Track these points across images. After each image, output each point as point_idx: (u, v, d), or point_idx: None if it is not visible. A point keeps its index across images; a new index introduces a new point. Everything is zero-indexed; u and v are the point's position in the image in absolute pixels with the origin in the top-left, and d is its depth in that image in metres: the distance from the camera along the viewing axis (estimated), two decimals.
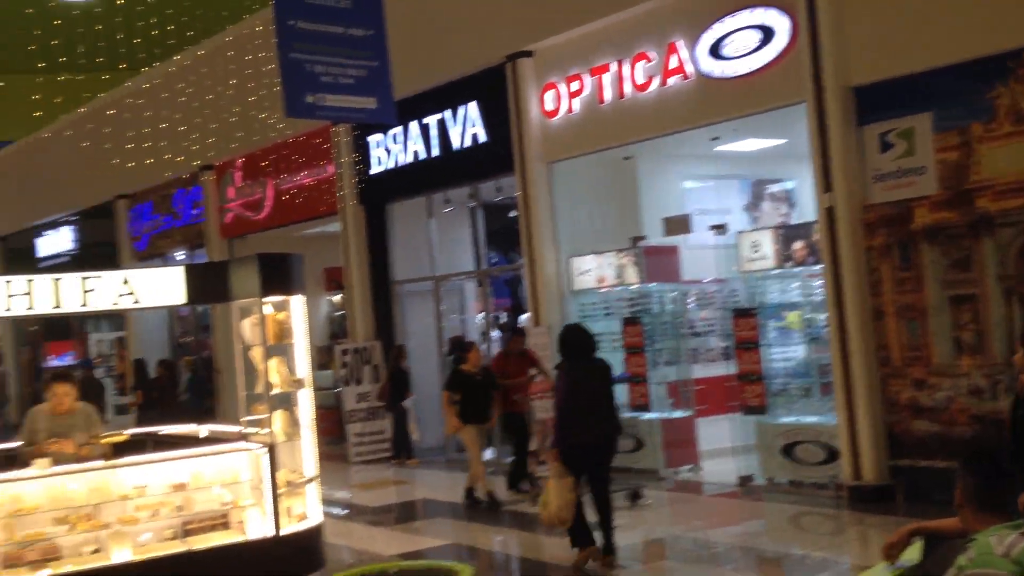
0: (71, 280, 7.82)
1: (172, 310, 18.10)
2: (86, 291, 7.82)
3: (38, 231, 21.61)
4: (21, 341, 23.03)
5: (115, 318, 20.19)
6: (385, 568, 7.96)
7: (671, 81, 10.47)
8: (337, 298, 16.23)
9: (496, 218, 14.34)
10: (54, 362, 21.73)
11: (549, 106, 11.66)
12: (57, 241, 21.25)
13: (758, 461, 10.29)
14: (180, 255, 17.78)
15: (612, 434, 7.97)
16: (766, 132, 11.37)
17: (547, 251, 11.89)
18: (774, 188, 12.84)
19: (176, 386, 15.90)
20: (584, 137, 11.44)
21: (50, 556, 7.18)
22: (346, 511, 10.90)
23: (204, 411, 16.37)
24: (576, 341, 7.95)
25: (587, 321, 10.71)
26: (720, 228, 10.86)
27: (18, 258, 22.17)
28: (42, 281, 7.77)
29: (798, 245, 9.88)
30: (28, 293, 7.65)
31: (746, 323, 10.25)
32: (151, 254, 18.22)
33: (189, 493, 7.68)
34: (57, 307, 7.78)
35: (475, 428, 10.39)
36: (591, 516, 7.76)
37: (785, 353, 10.27)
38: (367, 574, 4.96)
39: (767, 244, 10.08)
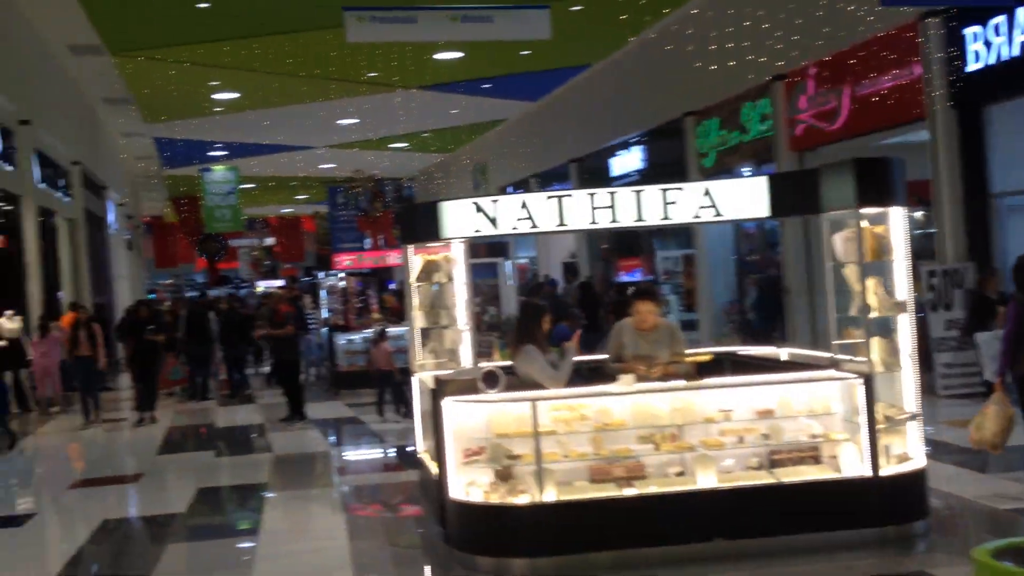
0: (652, 192, 7.55)
1: (738, 226, 17.74)
2: (667, 203, 7.52)
3: (611, 152, 22.45)
4: (595, 257, 24.29)
5: (681, 235, 20.38)
6: None
7: None
8: (919, 214, 14.71)
9: None
10: (624, 278, 22.63)
11: None
12: (628, 161, 21.92)
13: None
14: (746, 171, 17.30)
15: None
16: None
17: None
18: None
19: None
20: None
21: (635, 474, 7.04)
22: (931, 450, 9.71)
23: (770, 333, 15.88)
24: None
25: None
26: None
27: (593, 179, 23.25)
28: (624, 194, 7.59)
29: None
30: (611, 206, 7.50)
31: None
32: (717, 171, 17.96)
33: (776, 421, 7.11)
34: (639, 220, 7.57)
35: None
36: None
37: None
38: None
39: None
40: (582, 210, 7.51)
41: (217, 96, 22.14)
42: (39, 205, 18.37)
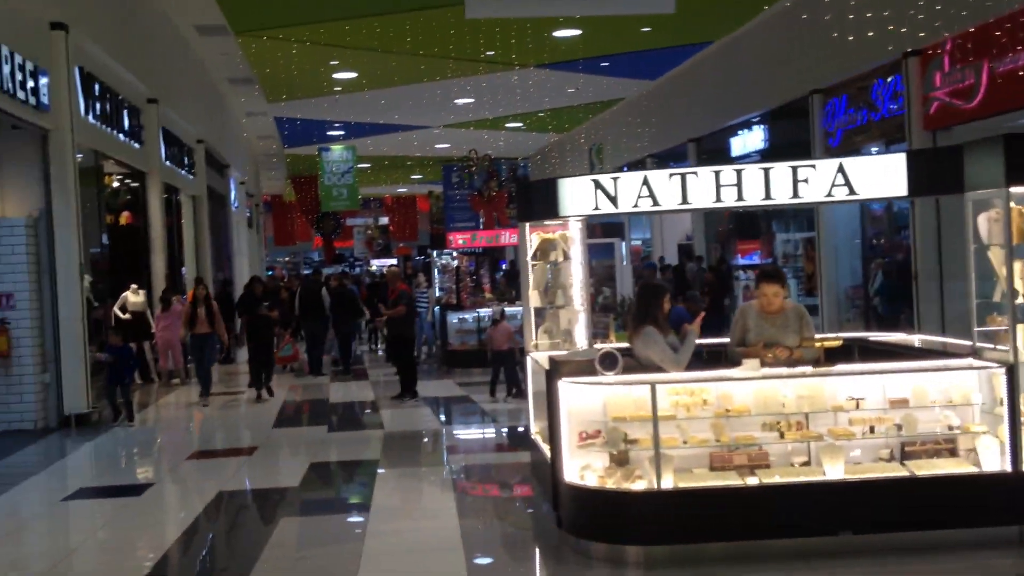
0: (782, 170, 7.21)
1: (864, 208, 17.06)
2: (798, 181, 7.17)
3: (731, 131, 21.87)
4: (711, 239, 23.76)
5: (801, 217, 19.73)
6: None
7: None
8: None
9: None
10: (741, 261, 22.06)
11: None
12: (749, 141, 21.32)
13: None
14: (875, 150, 16.59)
15: None
16: None
17: None
18: None
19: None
20: None
21: (758, 463, 6.74)
22: None
23: (897, 319, 15.24)
24: None
25: None
26: None
27: (712, 159, 22.69)
28: (752, 171, 7.27)
29: None
30: (737, 184, 7.19)
31: None
32: (844, 151, 17.27)
33: (910, 411, 6.72)
34: (767, 198, 7.24)
35: None
36: None
37: None
38: None
39: None
40: (706, 188, 7.23)
41: (336, 75, 22.32)
42: (164, 182, 18.80)
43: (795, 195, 7.19)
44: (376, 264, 42.97)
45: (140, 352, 16.27)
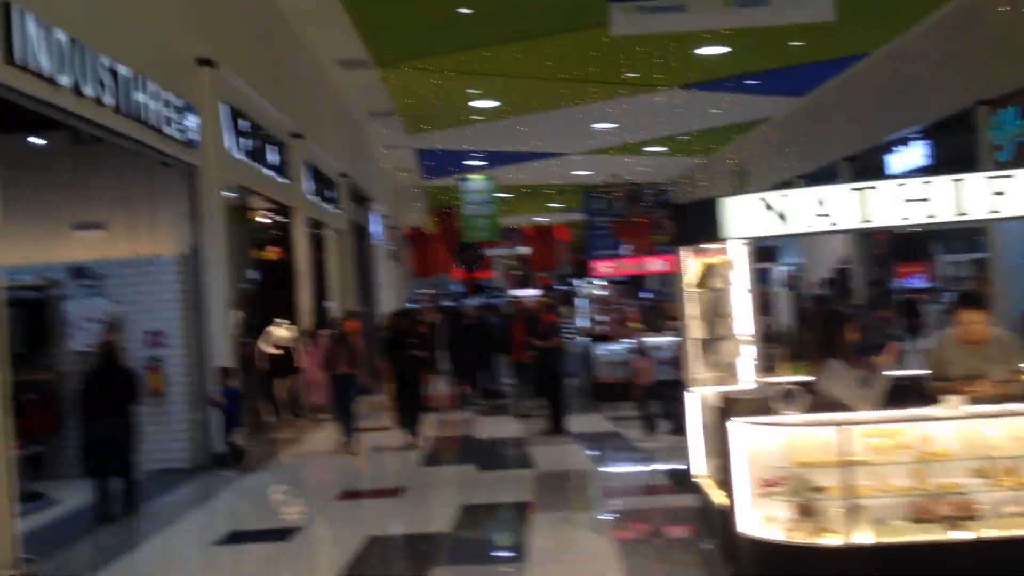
0: (976, 181, 6.47)
1: None
2: (995, 194, 6.41)
3: (887, 148, 20.71)
4: (868, 262, 22.54)
5: (966, 238, 18.49)
6: None
7: None
8: None
9: None
10: (901, 284, 20.83)
11: None
12: (907, 158, 20.13)
13: None
14: None
15: None
16: None
17: None
18: None
19: None
20: None
21: (965, 514, 5.96)
22: None
23: None
24: None
25: None
26: None
27: (865, 179, 21.58)
28: (941, 184, 6.53)
29: None
30: (926, 199, 6.46)
31: None
32: (1015, 167, 16.03)
33: None
34: (960, 213, 6.50)
35: None
36: None
37: None
38: None
39: None
40: (890, 204, 6.52)
41: (476, 104, 22.18)
42: (309, 216, 18.88)
43: (993, 210, 6.42)
44: (517, 294, 42.77)
45: (289, 388, 16.20)
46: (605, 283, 20.37)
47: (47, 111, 8.90)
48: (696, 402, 8.05)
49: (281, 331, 16.29)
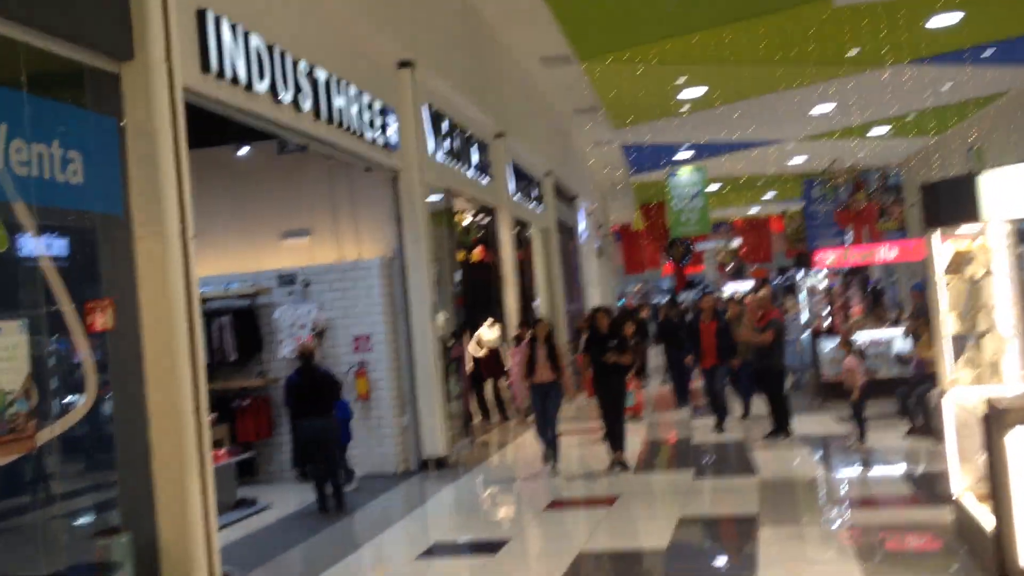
0: None
1: None
2: None
3: None
4: None
5: None
6: None
7: None
8: None
9: None
10: None
11: None
12: None
13: None
14: None
15: None
16: None
17: None
18: None
19: None
20: None
21: None
22: None
23: None
24: None
25: None
26: None
27: None
28: None
29: None
30: None
31: None
32: None
33: None
34: None
35: None
36: None
37: None
38: None
39: None
40: None
41: (683, 95, 21.28)
42: (514, 216, 18.55)
43: None
44: (729, 288, 41.35)
45: (496, 390, 15.89)
46: (827, 274, 19.00)
47: (243, 118, 8.79)
48: (952, 406, 7.01)
49: (489, 332, 15.99)
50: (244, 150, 12.99)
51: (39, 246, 6.64)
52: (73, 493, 7.57)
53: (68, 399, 6.88)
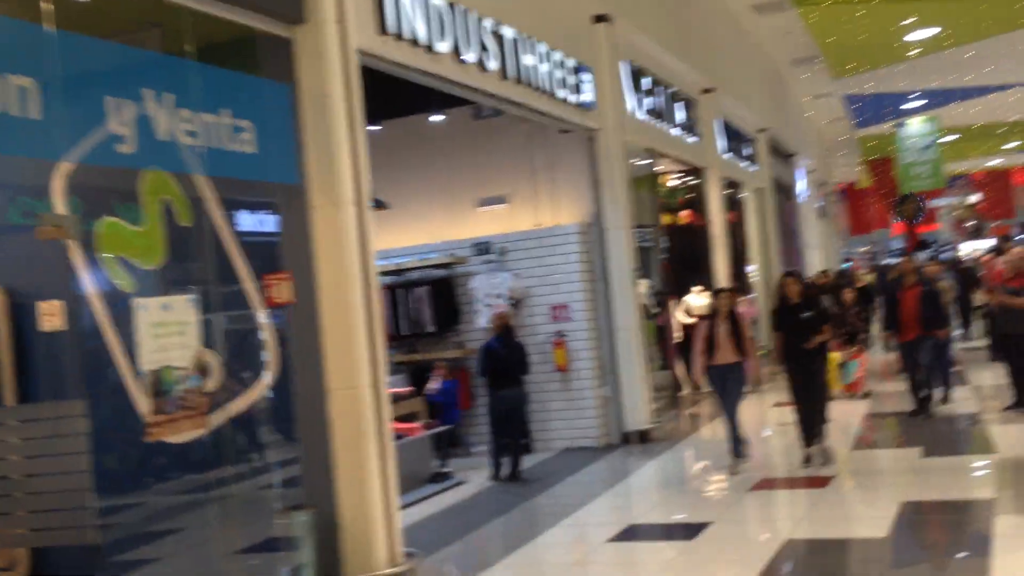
0: None
1: None
2: None
3: None
4: None
5: None
6: None
7: None
8: None
9: None
10: None
11: None
12: None
13: None
14: None
15: None
16: None
17: None
18: None
19: None
20: None
21: None
22: None
23: None
24: None
25: None
26: None
27: None
28: None
29: None
30: None
31: None
32: None
33: None
34: None
35: None
36: None
37: None
38: None
39: None
40: None
41: (911, 37, 19.69)
42: (724, 176, 17.70)
43: None
44: (967, 247, 38.57)
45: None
46: None
47: (425, 80, 8.52)
48: None
49: (699, 300, 15.27)
50: (439, 118, 12.81)
51: (219, 219, 6.60)
52: (262, 469, 7.58)
53: (248, 375, 6.83)
